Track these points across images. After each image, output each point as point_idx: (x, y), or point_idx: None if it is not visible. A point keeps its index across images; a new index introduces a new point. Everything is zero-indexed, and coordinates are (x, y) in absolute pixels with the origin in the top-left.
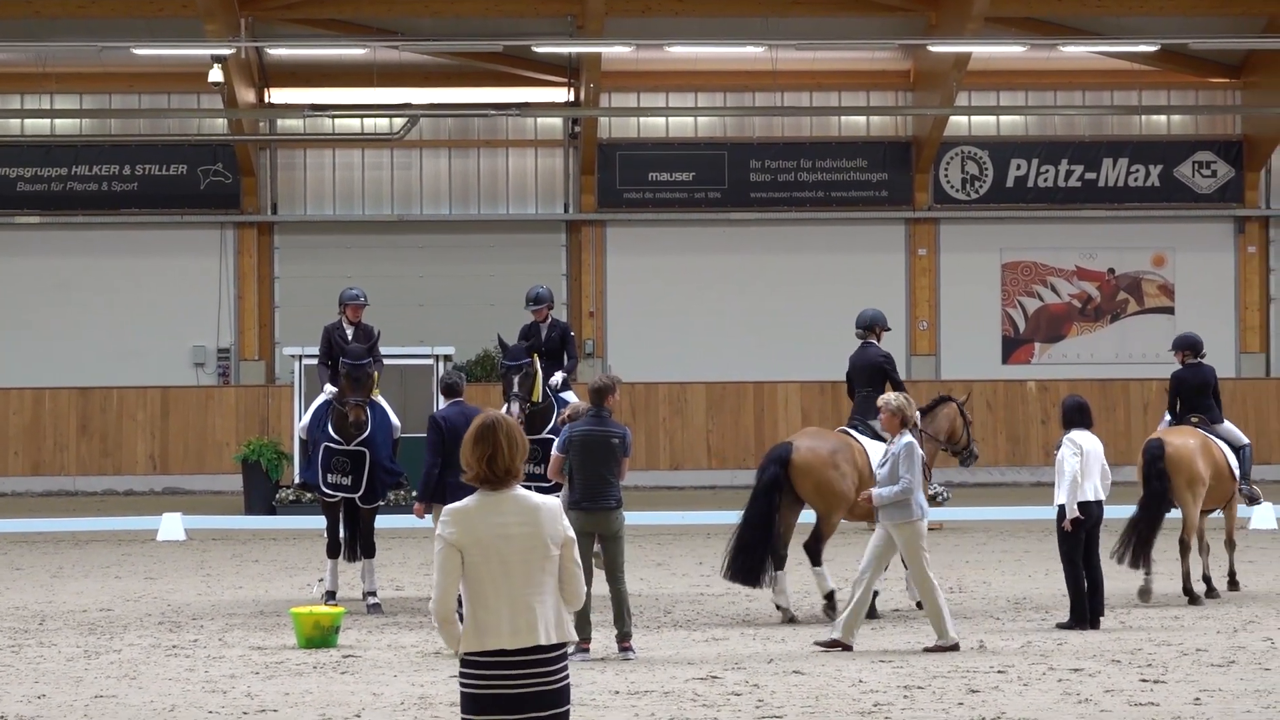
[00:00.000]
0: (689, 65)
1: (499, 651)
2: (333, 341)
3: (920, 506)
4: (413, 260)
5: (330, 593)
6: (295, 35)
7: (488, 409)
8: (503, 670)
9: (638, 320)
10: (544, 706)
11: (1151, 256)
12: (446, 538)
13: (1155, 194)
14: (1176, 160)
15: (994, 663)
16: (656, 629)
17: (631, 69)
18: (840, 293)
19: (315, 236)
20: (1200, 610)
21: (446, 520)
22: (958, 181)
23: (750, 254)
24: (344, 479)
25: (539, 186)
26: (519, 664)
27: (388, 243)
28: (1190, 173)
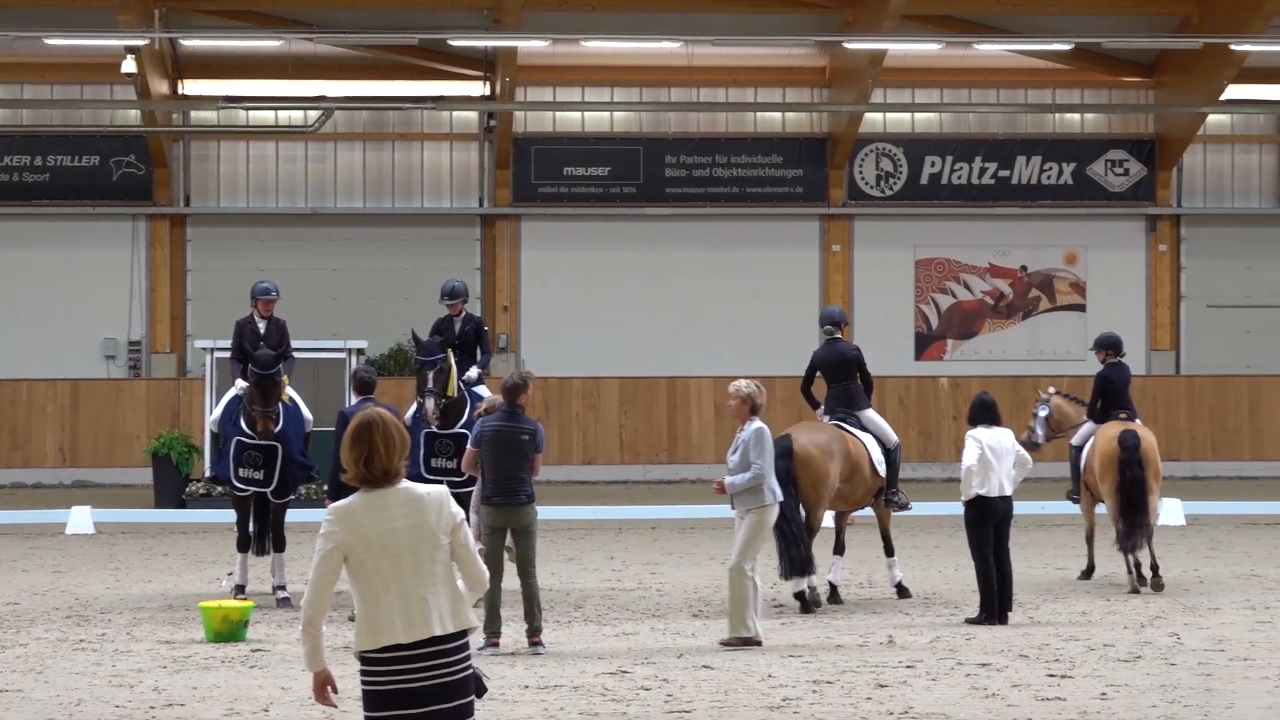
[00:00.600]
0: (605, 60)
1: (395, 647)
2: (244, 337)
3: (773, 492)
4: (326, 254)
5: (239, 586)
6: (209, 26)
7: (368, 408)
8: (401, 665)
9: (552, 315)
10: (447, 698)
11: (1064, 254)
12: (329, 538)
13: (1068, 192)
14: (1089, 159)
15: (903, 658)
16: (567, 624)
17: (547, 63)
18: (754, 288)
19: (228, 229)
20: (1108, 606)
21: (331, 520)
22: (872, 178)
23: (665, 249)
24: (255, 473)
25: (454, 180)
26: (417, 658)
27: (301, 236)
28: (1103, 171)
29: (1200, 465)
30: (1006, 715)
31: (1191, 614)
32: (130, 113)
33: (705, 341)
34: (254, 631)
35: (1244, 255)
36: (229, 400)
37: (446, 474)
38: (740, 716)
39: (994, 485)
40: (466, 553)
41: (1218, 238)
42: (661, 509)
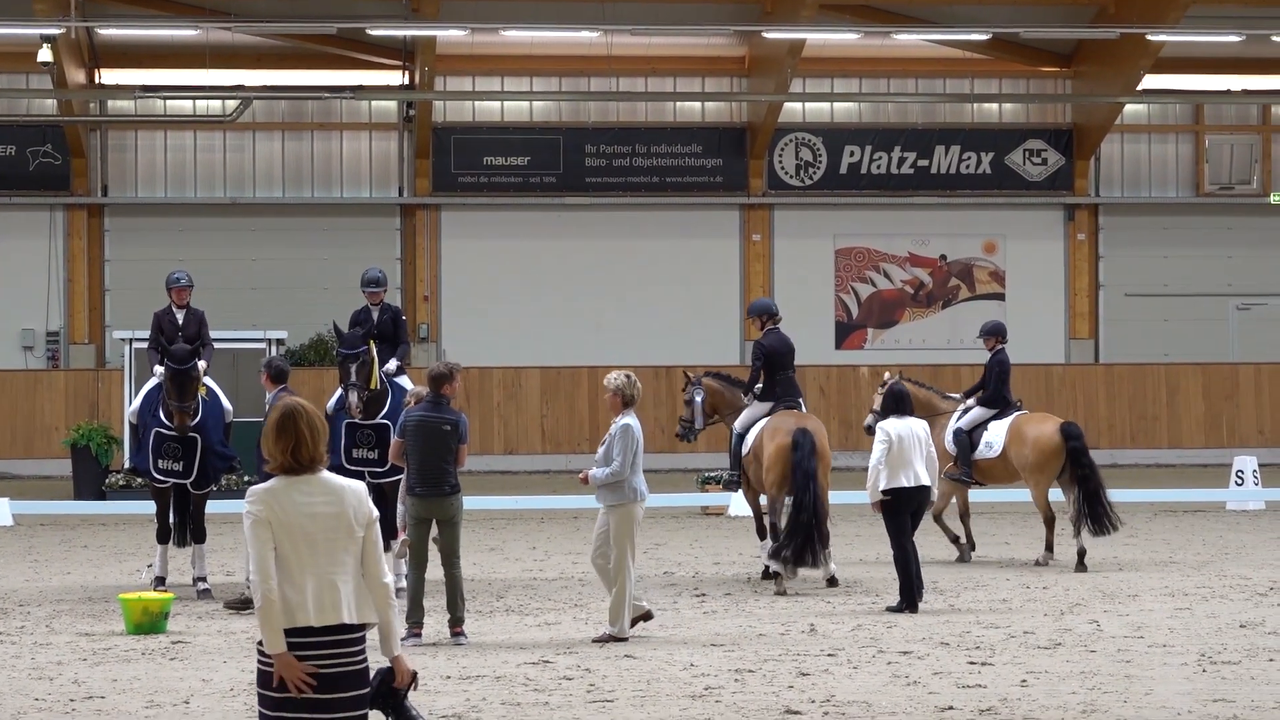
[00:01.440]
0: (524, 49)
1: (305, 629)
2: (162, 328)
3: (635, 490)
4: (246, 243)
5: (160, 578)
6: (126, 15)
7: (286, 398)
8: (306, 650)
9: (472, 305)
10: (346, 687)
11: (983, 243)
12: (255, 514)
13: (987, 181)
14: (1008, 148)
15: (824, 646)
16: (489, 614)
17: (466, 52)
18: (675, 278)
19: (147, 219)
20: (1028, 594)
21: (253, 499)
22: (792, 168)
23: (585, 239)
24: (175, 464)
25: (373, 170)
26: (324, 643)
27: (220, 225)
28: (1021, 160)
29: (1119, 453)
30: (928, 703)
31: (1111, 601)
32: (47, 102)
33: (626, 331)
34: (174, 623)
35: (1161, 244)
36: (148, 391)
37: (368, 464)
38: (662, 705)
39: (909, 476)
40: (374, 550)
41: (1135, 227)
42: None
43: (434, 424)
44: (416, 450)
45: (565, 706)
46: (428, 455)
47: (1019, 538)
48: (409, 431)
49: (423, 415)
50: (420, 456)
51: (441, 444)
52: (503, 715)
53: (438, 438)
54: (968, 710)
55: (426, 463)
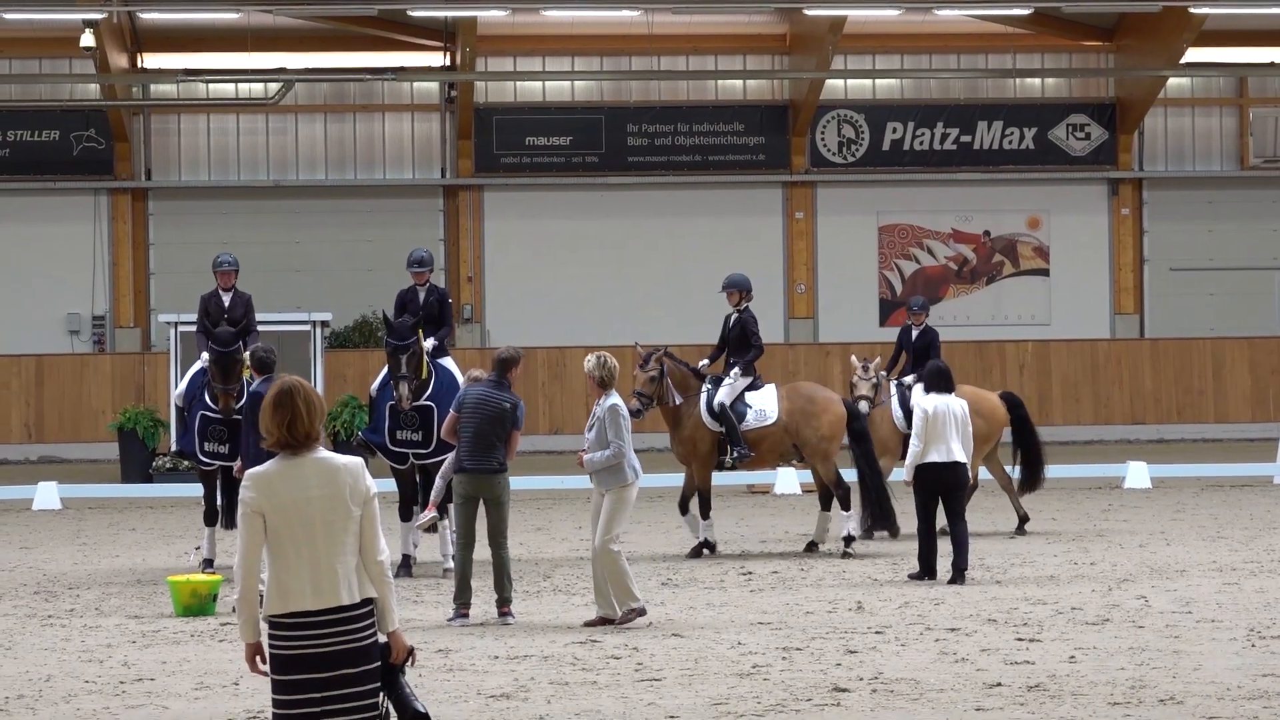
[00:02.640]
0: (565, 29)
1: (302, 613)
2: (208, 311)
3: (634, 469)
4: (289, 226)
5: (208, 560)
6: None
7: (284, 376)
8: (307, 631)
9: (515, 285)
10: (351, 663)
11: (1026, 219)
12: (248, 503)
13: (1030, 156)
14: (1051, 123)
15: (872, 623)
16: (536, 594)
17: (507, 33)
18: (718, 256)
19: (190, 202)
20: (1075, 569)
21: (248, 485)
22: (834, 145)
23: (627, 218)
24: (220, 446)
25: (415, 151)
26: (322, 624)
27: (264, 208)
28: (1064, 135)
29: (1165, 428)
30: (976, 680)
31: (1159, 576)
32: (90, 87)
33: (669, 309)
34: (223, 605)
35: (1206, 218)
36: (193, 374)
37: (412, 446)
38: (710, 684)
39: (941, 451)
40: (371, 527)
41: (1180, 201)
42: None
43: (493, 402)
44: (470, 425)
45: (613, 685)
46: (480, 431)
47: (1065, 513)
48: (466, 406)
49: (483, 392)
50: (473, 431)
51: (496, 422)
52: (551, 695)
53: (494, 415)
54: (1016, 687)
55: (478, 438)
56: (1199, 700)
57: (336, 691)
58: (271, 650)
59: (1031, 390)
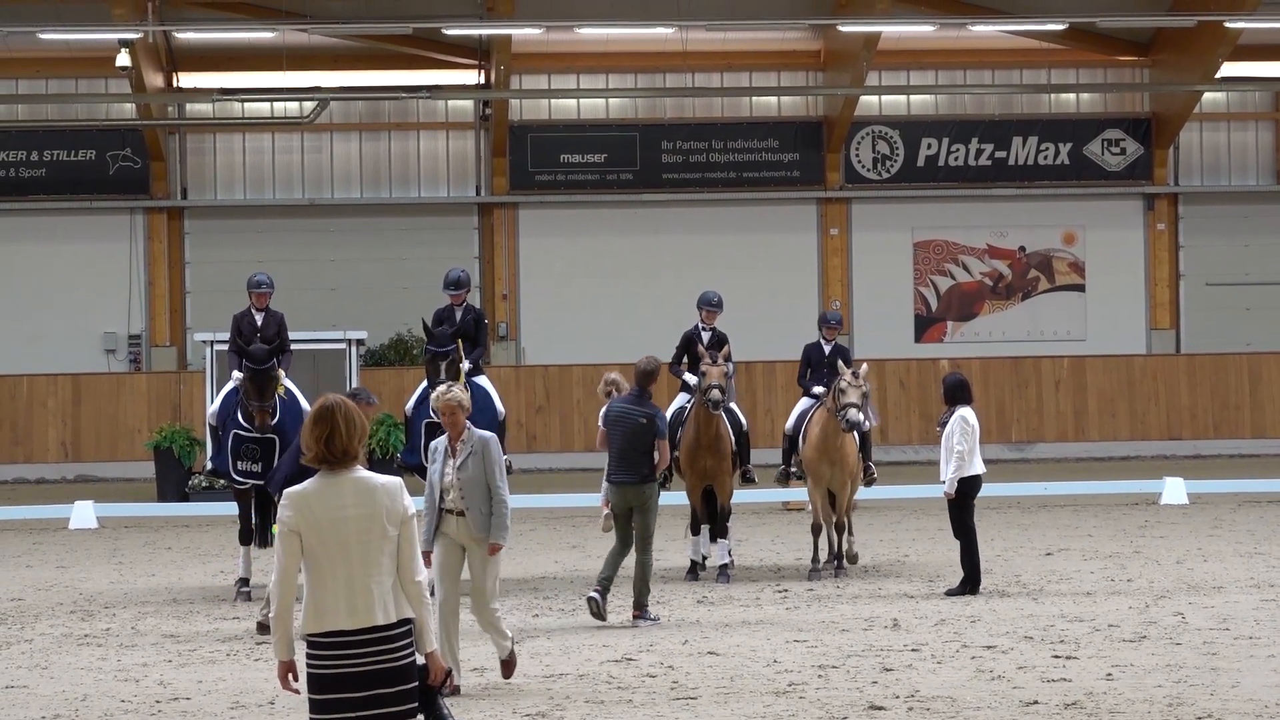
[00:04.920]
0: (600, 46)
1: (337, 633)
2: (241, 330)
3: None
4: (324, 244)
5: (243, 579)
6: (203, 19)
7: (327, 394)
8: (343, 650)
9: (551, 302)
10: (388, 683)
11: (1062, 234)
12: (285, 522)
13: (1065, 172)
14: (1086, 138)
15: (908, 641)
16: (571, 612)
17: (542, 50)
18: (752, 273)
19: (226, 221)
20: (1112, 586)
21: (285, 504)
22: (869, 161)
23: (662, 235)
24: (254, 465)
25: (450, 169)
26: (358, 644)
27: (299, 226)
28: (1099, 150)
29: (1202, 444)
30: (1012, 698)
31: (1196, 593)
32: (126, 106)
33: None
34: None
35: (1242, 233)
36: (227, 393)
37: None
38: (746, 702)
39: (977, 464)
40: (408, 548)
41: (1215, 215)
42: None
43: (633, 416)
44: (615, 440)
45: (649, 704)
46: (624, 445)
47: (1102, 529)
48: (610, 421)
49: (624, 407)
50: (617, 446)
51: (638, 435)
52: (586, 714)
53: (636, 429)
54: (1052, 705)
55: (622, 452)
56: (1237, 718)
57: (372, 711)
58: (309, 669)
59: (1067, 406)
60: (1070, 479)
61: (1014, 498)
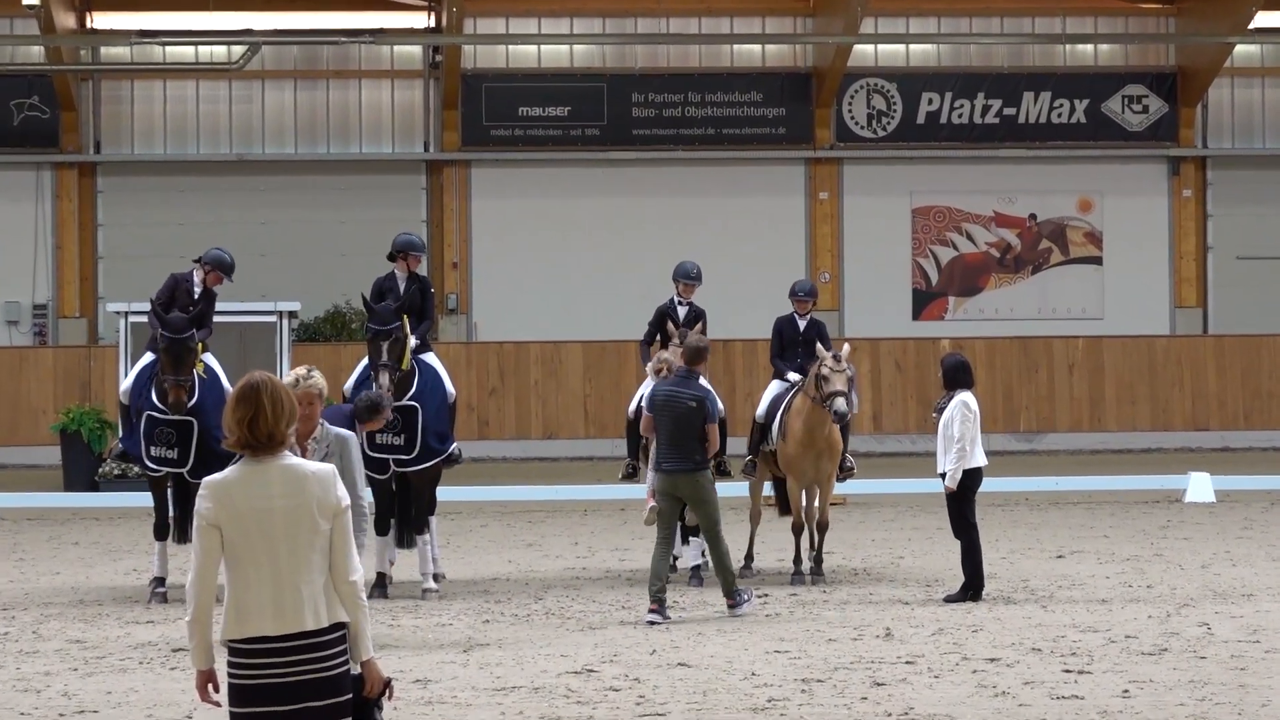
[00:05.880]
0: None
1: (262, 639)
2: (174, 294)
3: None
4: (254, 205)
5: (159, 579)
6: None
7: (254, 370)
8: (268, 658)
9: (506, 271)
10: (319, 695)
11: (1077, 201)
12: (204, 514)
13: (1081, 131)
14: (1104, 94)
15: (901, 652)
16: (526, 618)
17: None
18: (733, 240)
19: (144, 178)
20: (1129, 592)
21: (204, 495)
22: (863, 117)
23: (632, 197)
24: (169, 451)
25: (396, 123)
26: (285, 651)
27: (226, 185)
28: (1119, 108)
29: (1231, 435)
30: (1018, 715)
31: (1223, 601)
32: (33, 49)
33: None
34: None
35: (1277, 201)
36: (142, 368)
37: (393, 451)
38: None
39: (979, 454)
40: (343, 543)
41: (1248, 181)
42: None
43: (681, 399)
44: (663, 426)
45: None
46: (672, 430)
47: (1119, 530)
48: (657, 406)
49: (671, 390)
50: (664, 431)
51: (685, 420)
52: None
53: (685, 413)
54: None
55: (669, 438)
56: None
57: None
58: (230, 679)
59: (1082, 392)
60: (1084, 473)
61: (1022, 494)
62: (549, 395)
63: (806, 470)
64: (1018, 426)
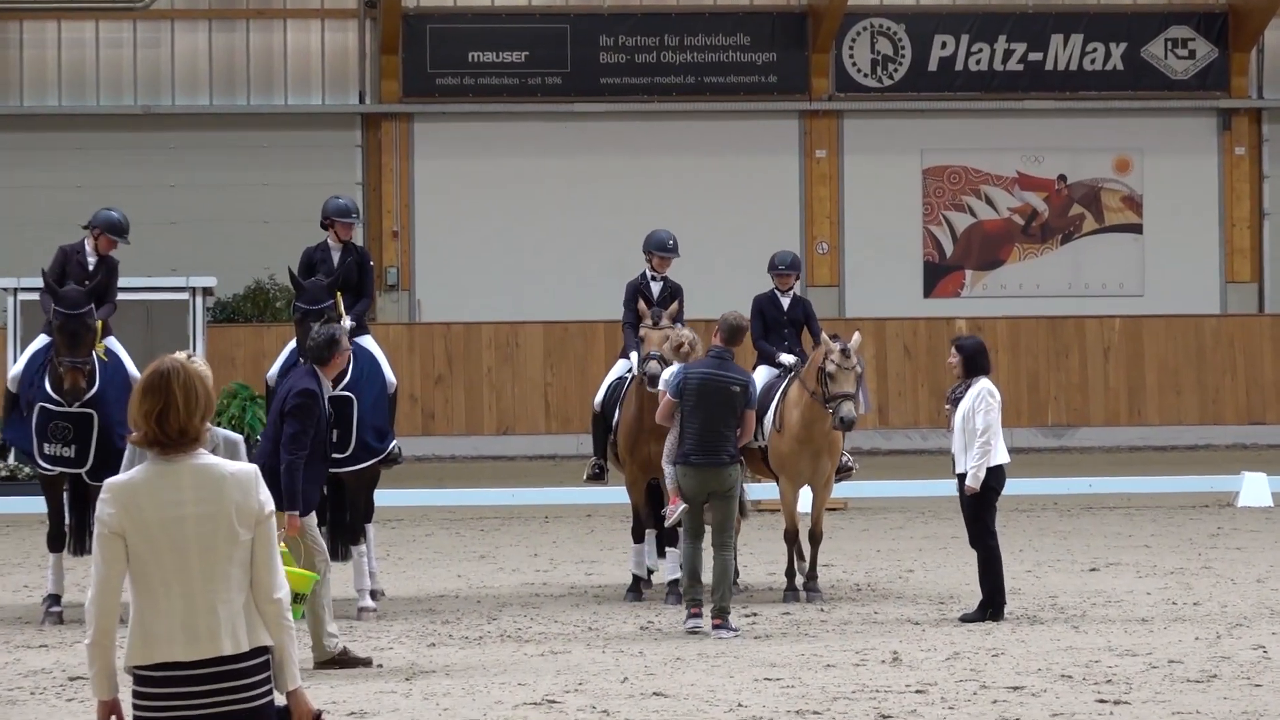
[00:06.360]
0: None
1: (172, 664)
2: (67, 267)
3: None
4: (163, 165)
5: (54, 596)
6: None
7: (163, 356)
8: (179, 688)
9: (455, 242)
10: None
11: (1113, 160)
12: (106, 522)
13: (1118, 80)
14: (1144, 37)
15: (911, 679)
16: (478, 640)
17: None
18: (716, 207)
19: (35, 134)
20: (1174, 610)
21: (106, 499)
22: (866, 64)
23: (600, 156)
24: (65, 449)
25: (326, 70)
26: (199, 679)
27: (129, 142)
28: (1162, 53)
29: None
30: None
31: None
32: None
33: None
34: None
35: None
36: (34, 352)
37: None
38: None
39: (1002, 450)
40: (266, 555)
41: None
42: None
43: (721, 384)
44: (698, 415)
45: None
46: (708, 420)
47: (1163, 538)
48: (690, 391)
49: (709, 373)
50: (699, 420)
51: (726, 407)
52: None
53: (723, 400)
54: None
55: (707, 428)
56: None
57: None
58: (136, 712)
59: (1119, 380)
60: (1122, 474)
61: (1050, 497)
62: (504, 384)
63: (802, 470)
64: (1045, 420)
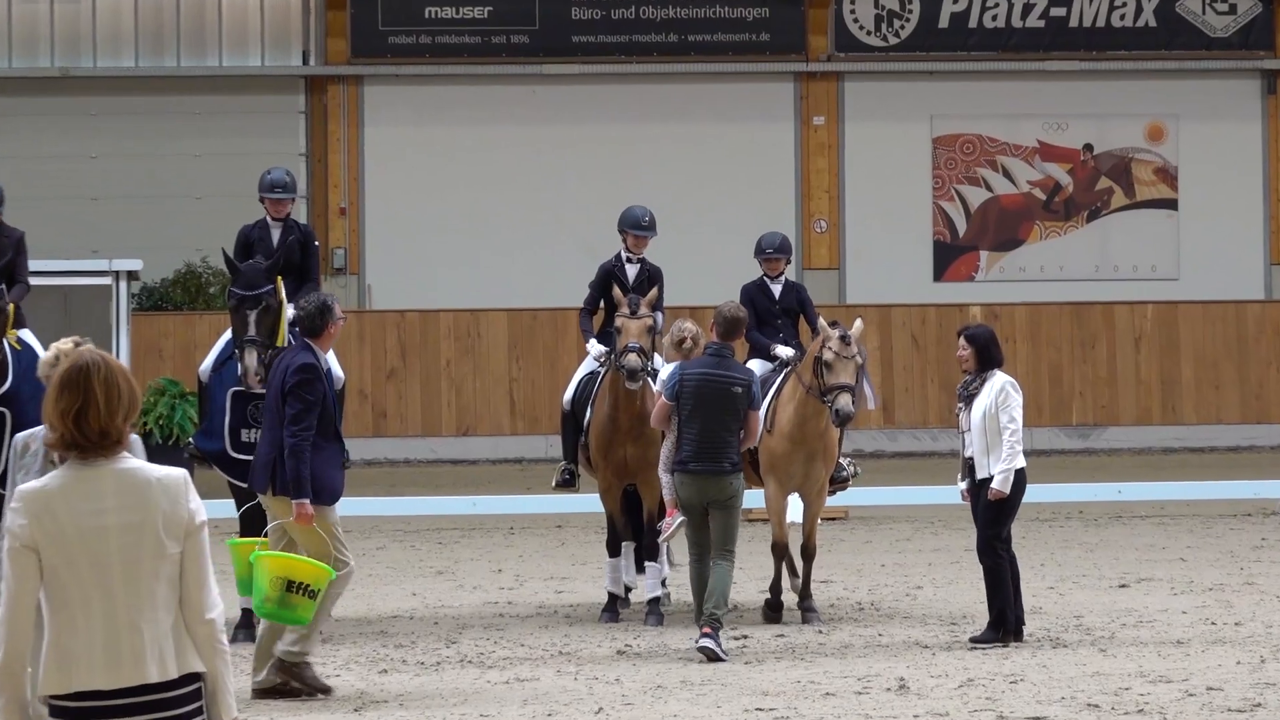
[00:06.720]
0: None
1: (92, 694)
2: None
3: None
4: (83, 133)
5: None
6: None
7: (85, 348)
8: (101, 719)
9: (409, 220)
10: None
11: (1145, 127)
12: (16, 534)
13: (1150, 38)
14: None
15: (919, 709)
16: (435, 666)
17: None
18: (701, 179)
19: None
20: (1213, 631)
21: (16, 508)
22: (869, 20)
23: (571, 124)
24: None
25: (266, 27)
26: (122, 710)
27: (45, 108)
28: (1199, 8)
29: None
30: None
31: None
32: None
33: None
34: None
35: None
36: None
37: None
38: None
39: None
40: (197, 570)
41: None
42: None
43: (722, 384)
44: (693, 416)
45: None
46: (708, 423)
47: (1200, 551)
48: (688, 393)
49: (707, 372)
50: (698, 424)
51: (729, 410)
52: None
53: (725, 401)
54: None
55: (708, 432)
56: None
57: None
58: None
59: (1152, 372)
60: (1155, 479)
61: (1075, 505)
62: (464, 379)
63: (793, 474)
64: (1069, 419)
